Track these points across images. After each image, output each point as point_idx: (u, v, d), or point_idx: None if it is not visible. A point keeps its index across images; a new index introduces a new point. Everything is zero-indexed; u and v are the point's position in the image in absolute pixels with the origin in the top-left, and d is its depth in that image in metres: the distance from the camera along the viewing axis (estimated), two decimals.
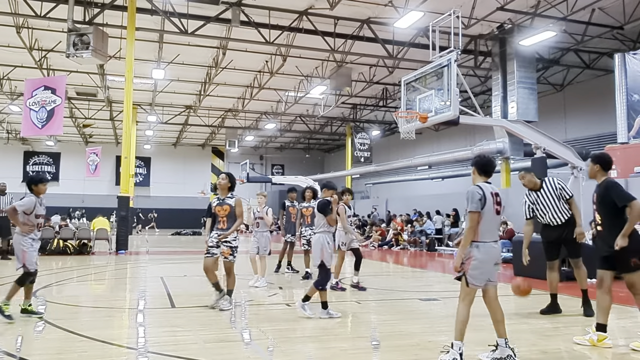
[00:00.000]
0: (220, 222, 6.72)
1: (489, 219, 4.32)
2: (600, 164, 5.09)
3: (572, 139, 20.03)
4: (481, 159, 4.57)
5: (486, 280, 4.36)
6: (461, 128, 20.58)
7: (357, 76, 22.42)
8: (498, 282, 4.51)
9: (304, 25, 16.66)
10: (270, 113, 29.42)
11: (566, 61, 19.83)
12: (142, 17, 15.68)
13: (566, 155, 10.85)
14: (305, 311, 6.18)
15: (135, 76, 17.19)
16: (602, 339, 4.88)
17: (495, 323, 4.40)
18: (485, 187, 4.39)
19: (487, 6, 15.38)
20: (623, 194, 4.87)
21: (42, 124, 15.73)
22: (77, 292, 8.88)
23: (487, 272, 4.34)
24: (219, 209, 6.75)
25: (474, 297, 4.39)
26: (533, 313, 6.72)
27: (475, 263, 4.29)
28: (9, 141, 34.84)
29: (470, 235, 4.30)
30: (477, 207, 4.28)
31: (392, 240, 20.04)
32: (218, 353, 4.66)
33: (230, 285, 6.81)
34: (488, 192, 4.34)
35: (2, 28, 17.35)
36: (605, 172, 5.10)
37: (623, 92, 15.72)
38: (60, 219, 19.47)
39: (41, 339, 5.24)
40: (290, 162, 43.49)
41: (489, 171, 4.53)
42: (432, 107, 9.98)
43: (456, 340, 4.29)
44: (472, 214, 4.29)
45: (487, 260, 4.31)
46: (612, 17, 15.77)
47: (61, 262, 13.10)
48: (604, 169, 5.10)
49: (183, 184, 39.91)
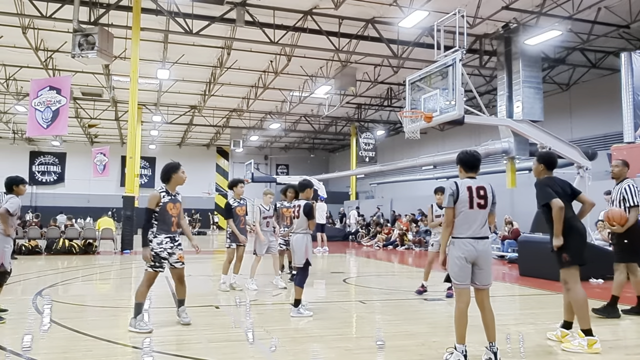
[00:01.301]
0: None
1: (464, 214, 4.29)
2: (544, 163, 5.16)
3: (578, 138, 19.93)
4: (464, 155, 4.52)
5: (470, 280, 4.30)
6: (466, 128, 20.53)
7: (361, 76, 22.40)
8: (490, 284, 4.36)
9: (308, 25, 16.66)
10: (275, 113, 29.43)
11: (572, 60, 19.72)
12: (147, 18, 15.71)
13: (572, 154, 10.80)
14: (303, 313, 6.20)
15: (140, 76, 17.21)
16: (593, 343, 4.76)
17: (484, 326, 4.35)
18: (463, 182, 4.38)
19: (492, 5, 15.33)
20: (543, 193, 4.94)
21: (47, 124, 15.78)
22: (82, 291, 8.92)
23: (467, 270, 4.27)
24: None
25: (468, 298, 4.31)
26: (538, 313, 6.70)
27: (450, 259, 4.32)
28: (15, 141, 34.99)
29: (446, 231, 4.35)
30: (448, 203, 4.33)
31: (397, 240, 20.01)
32: (222, 353, 4.66)
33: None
34: (463, 187, 4.33)
35: (8, 29, 17.43)
36: (550, 172, 5.15)
37: (629, 92, 15.63)
38: (66, 219, 19.56)
39: (47, 338, 5.25)
40: (295, 162, 43.48)
41: (473, 166, 4.47)
42: (437, 106, 9.95)
43: (458, 344, 4.28)
44: (446, 210, 4.38)
45: (462, 257, 4.26)
46: (618, 15, 15.68)
47: (67, 262, 13.16)
48: (548, 169, 5.15)
49: (188, 184, 39.59)
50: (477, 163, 4.49)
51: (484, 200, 4.34)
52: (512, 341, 5.27)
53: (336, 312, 6.84)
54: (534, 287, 9.05)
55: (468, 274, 4.27)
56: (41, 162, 38.73)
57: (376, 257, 16.62)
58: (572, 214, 5.02)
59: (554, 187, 4.97)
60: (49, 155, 38.80)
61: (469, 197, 4.30)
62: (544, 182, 5.07)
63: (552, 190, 4.90)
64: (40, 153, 38.62)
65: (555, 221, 4.82)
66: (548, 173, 5.14)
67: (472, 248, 4.26)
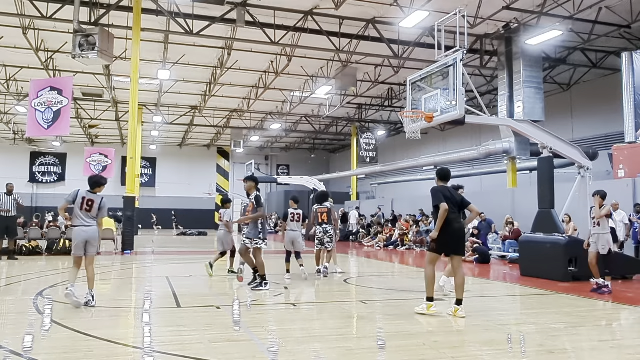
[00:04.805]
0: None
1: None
2: (438, 176, 6.78)
3: (579, 138, 19.92)
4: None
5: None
6: (467, 128, 20.54)
7: (362, 76, 22.39)
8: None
9: (309, 25, 16.65)
10: (276, 113, 29.43)
11: (573, 60, 19.70)
12: (147, 18, 15.70)
13: (573, 155, 10.77)
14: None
15: (141, 77, 17.22)
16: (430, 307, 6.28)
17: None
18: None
19: (493, 5, 15.32)
20: (435, 198, 6.41)
21: (48, 124, 15.78)
22: (83, 292, 8.90)
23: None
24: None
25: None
26: (539, 313, 6.69)
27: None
28: (15, 142, 35.00)
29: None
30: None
31: (398, 240, 20.00)
32: (224, 353, 4.65)
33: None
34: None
35: (8, 29, 17.44)
36: (444, 182, 6.71)
37: (630, 92, 15.62)
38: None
39: (48, 339, 5.25)
40: (296, 162, 43.49)
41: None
42: (438, 106, 9.93)
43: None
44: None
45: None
46: (619, 15, 15.66)
47: (67, 262, 13.14)
48: (443, 181, 6.72)
49: (188, 185, 39.97)
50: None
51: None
52: (513, 341, 5.26)
53: (337, 312, 6.84)
54: (535, 287, 9.04)
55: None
56: (42, 162, 38.79)
57: (377, 257, 16.62)
58: (454, 217, 6.34)
59: (445, 193, 6.44)
60: (50, 156, 38.85)
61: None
62: (438, 189, 6.56)
63: (442, 196, 6.33)
64: (41, 154, 38.67)
65: (439, 219, 6.24)
66: (443, 183, 6.72)
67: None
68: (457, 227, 6.35)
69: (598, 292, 8.17)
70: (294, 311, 6.96)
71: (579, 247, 9.08)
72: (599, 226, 8.47)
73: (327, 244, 10.45)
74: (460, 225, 6.42)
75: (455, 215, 6.39)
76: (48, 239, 15.47)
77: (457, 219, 6.41)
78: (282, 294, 8.25)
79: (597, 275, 8.41)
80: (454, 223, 6.30)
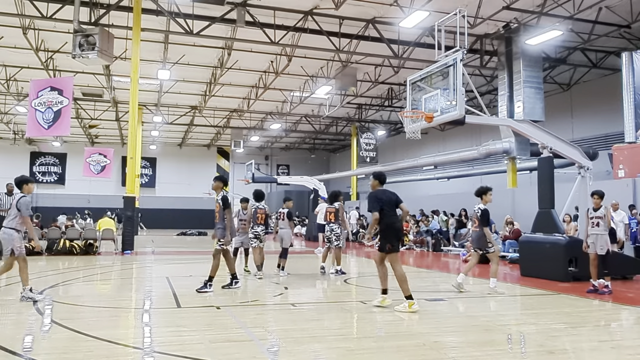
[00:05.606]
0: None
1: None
2: (377, 179, 6.99)
3: (579, 138, 19.91)
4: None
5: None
6: (467, 128, 20.53)
7: (362, 76, 22.39)
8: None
9: (309, 25, 16.65)
10: (276, 113, 29.43)
11: (573, 60, 19.70)
12: (147, 18, 15.71)
13: (573, 154, 10.77)
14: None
15: (141, 77, 17.22)
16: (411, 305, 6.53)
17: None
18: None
19: (493, 5, 15.32)
20: (370, 205, 6.73)
21: (48, 124, 15.77)
22: (83, 292, 8.91)
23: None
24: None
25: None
26: (539, 313, 6.69)
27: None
28: (15, 142, 35.01)
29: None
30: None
31: None
32: (224, 353, 4.65)
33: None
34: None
35: (8, 29, 17.44)
36: (381, 185, 6.96)
37: (630, 91, 15.62)
38: (66, 219, 19.55)
39: (47, 339, 5.25)
40: (296, 162, 43.49)
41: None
42: (438, 106, 9.92)
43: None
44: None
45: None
46: (619, 15, 15.66)
47: (67, 262, 13.15)
48: (381, 183, 6.96)
49: (188, 185, 39.97)
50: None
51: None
52: (513, 341, 5.25)
53: (337, 312, 6.84)
54: (535, 287, 9.04)
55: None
56: (42, 162, 38.78)
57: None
58: (394, 217, 6.69)
59: (383, 196, 6.71)
60: (50, 156, 38.85)
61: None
62: (376, 193, 6.83)
63: (379, 201, 6.64)
64: (41, 154, 38.66)
65: (370, 225, 6.78)
66: (380, 186, 6.94)
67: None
68: (398, 227, 6.79)
69: (594, 292, 8.19)
70: (294, 311, 6.96)
71: (579, 247, 9.07)
72: (598, 227, 8.47)
73: (334, 243, 10.85)
74: (400, 224, 6.90)
75: (395, 215, 6.80)
76: (48, 239, 15.47)
77: (397, 219, 6.83)
78: (282, 294, 8.25)
79: (594, 277, 8.41)
80: (396, 223, 6.74)
